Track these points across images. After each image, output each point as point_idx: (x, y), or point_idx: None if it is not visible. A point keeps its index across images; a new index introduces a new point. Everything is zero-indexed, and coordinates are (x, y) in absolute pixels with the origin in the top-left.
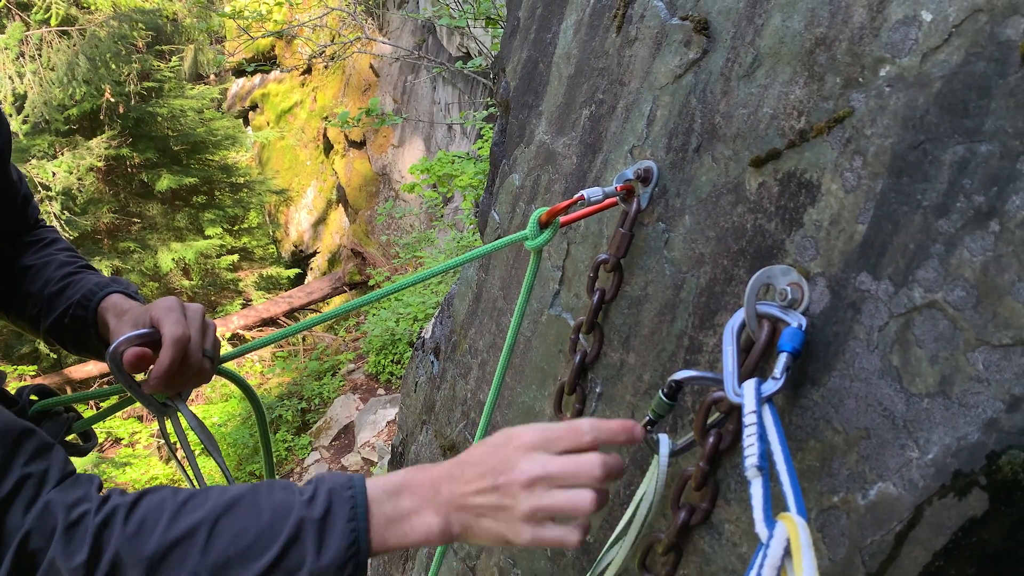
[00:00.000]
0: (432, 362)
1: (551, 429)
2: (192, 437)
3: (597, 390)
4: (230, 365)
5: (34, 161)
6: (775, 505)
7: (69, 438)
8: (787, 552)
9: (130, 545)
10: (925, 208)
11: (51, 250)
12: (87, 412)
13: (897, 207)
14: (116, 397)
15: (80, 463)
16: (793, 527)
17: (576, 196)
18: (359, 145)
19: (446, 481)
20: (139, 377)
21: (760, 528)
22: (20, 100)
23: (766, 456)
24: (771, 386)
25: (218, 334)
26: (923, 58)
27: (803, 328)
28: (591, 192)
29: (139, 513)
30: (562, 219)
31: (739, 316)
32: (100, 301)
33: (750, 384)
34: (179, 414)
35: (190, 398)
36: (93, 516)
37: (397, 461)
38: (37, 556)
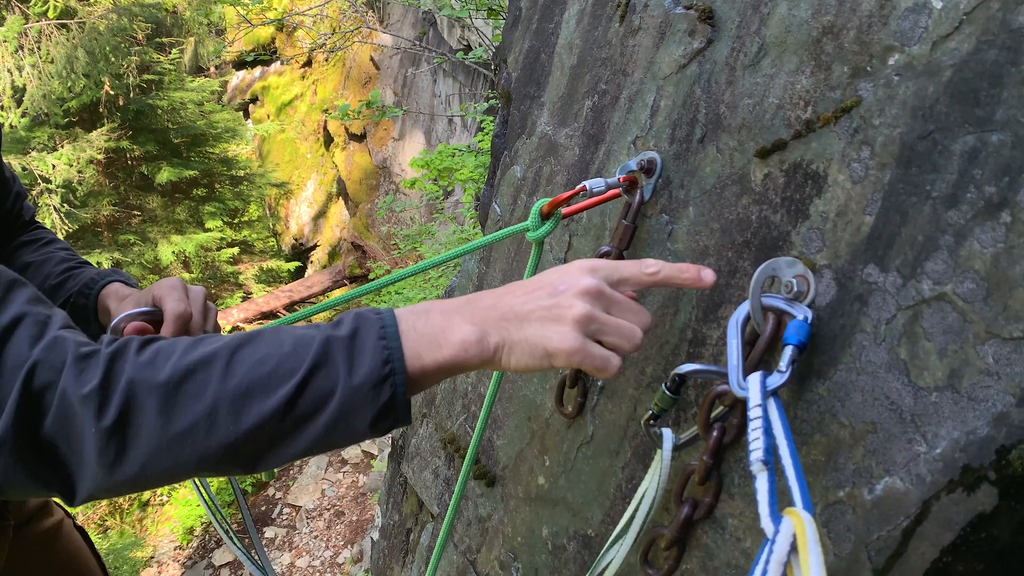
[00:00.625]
0: None
1: (618, 262)
2: None
3: (599, 384)
4: None
5: (34, 154)
6: (780, 500)
7: None
8: (793, 548)
9: (144, 372)
10: (934, 199)
11: (50, 248)
12: None
13: (905, 198)
14: None
15: None
16: (800, 522)
17: (578, 187)
18: (359, 138)
19: (485, 297)
20: None
21: (766, 523)
22: (19, 93)
23: (771, 450)
24: (776, 379)
25: (221, 326)
26: (933, 46)
27: (809, 321)
28: (593, 183)
29: (153, 346)
30: (564, 211)
31: (743, 309)
32: (101, 289)
33: (755, 377)
34: None
35: None
36: (105, 347)
37: (397, 455)
38: (46, 394)
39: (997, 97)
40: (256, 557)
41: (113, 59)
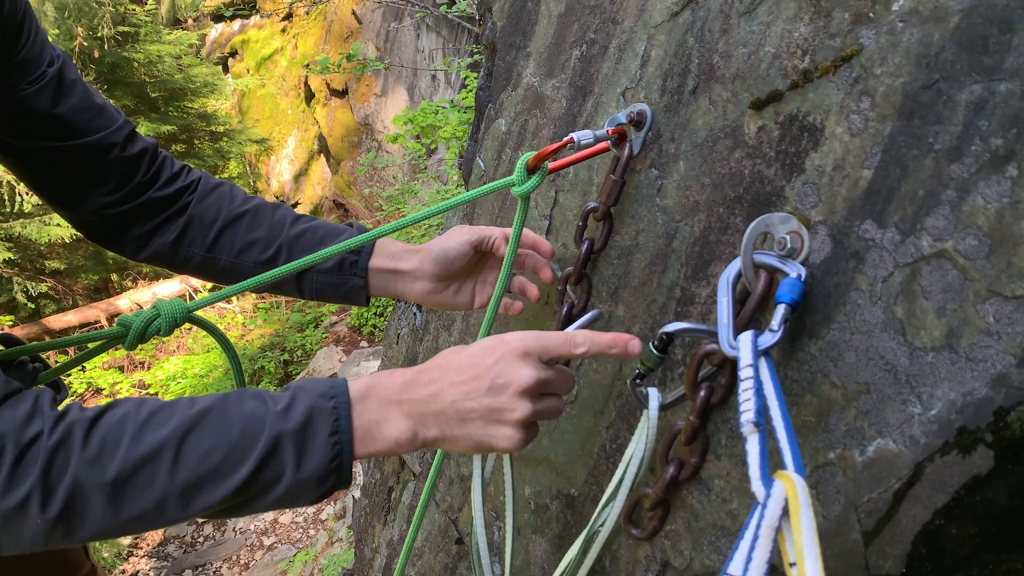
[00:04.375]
0: (415, 314)
1: (546, 337)
2: None
3: None
4: (211, 317)
5: None
6: (770, 462)
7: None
8: (784, 511)
9: (90, 470)
10: (937, 152)
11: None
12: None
13: (906, 151)
14: (93, 344)
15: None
16: (791, 486)
17: (565, 139)
18: (341, 94)
19: (419, 386)
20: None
21: (756, 486)
22: None
23: (763, 412)
24: (768, 339)
25: (199, 284)
26: None
27: (802, 278)
28: (581, 135)
29: (99, 433)
30: (551, 165)
31: (735, 266)
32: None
33: (746, 336)
34: None
35: (171, 347)
36: (47, 437)
37: None
38: None
39: (1007, 44)
40: None
41: (86, 8)
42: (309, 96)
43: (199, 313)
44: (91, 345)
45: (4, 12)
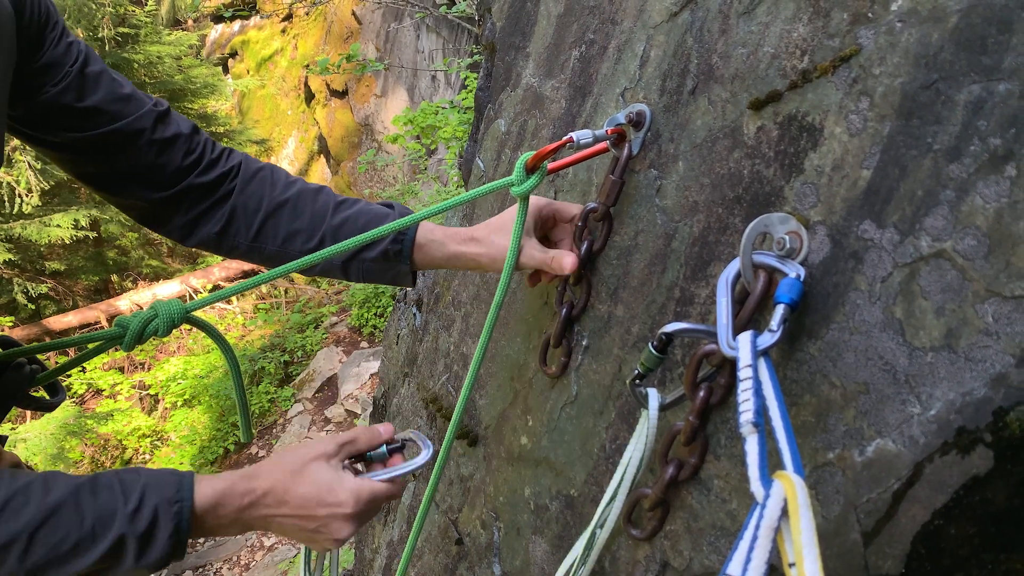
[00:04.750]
0: (414, 314)
1: (373, 494)
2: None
3: (584, 343)
4: (211, 318)
5: None
6: (769, 462)
7: (36, 393)
8: (784, 512)
9: None
10: (936, 152)
11: (287, 177)
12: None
13: (905, 151)
14: (91, 345)
15: (60, 417)
16: (791, 486)
17: (564, 138)
18: (341, 95)
19: (259, 507)
20: None
21: (756, 487)
22: None
23: (762, 412)
24: (767, 339)
25: (199, 285)
26: None
27: (801, 279)
28: (580, 134)
29: None
30: (550, 165)
31: (734, 266)
32: (414, 236)
33: (745, 337)
34: None
35: (171, 348)
36: None
37: (379, 414)
38: None
39: (1006, 44)
40: None
41: (86, 9)
42: (309, 97)
43: (197, 314)
44: (89, 346)
45: (25, 19)
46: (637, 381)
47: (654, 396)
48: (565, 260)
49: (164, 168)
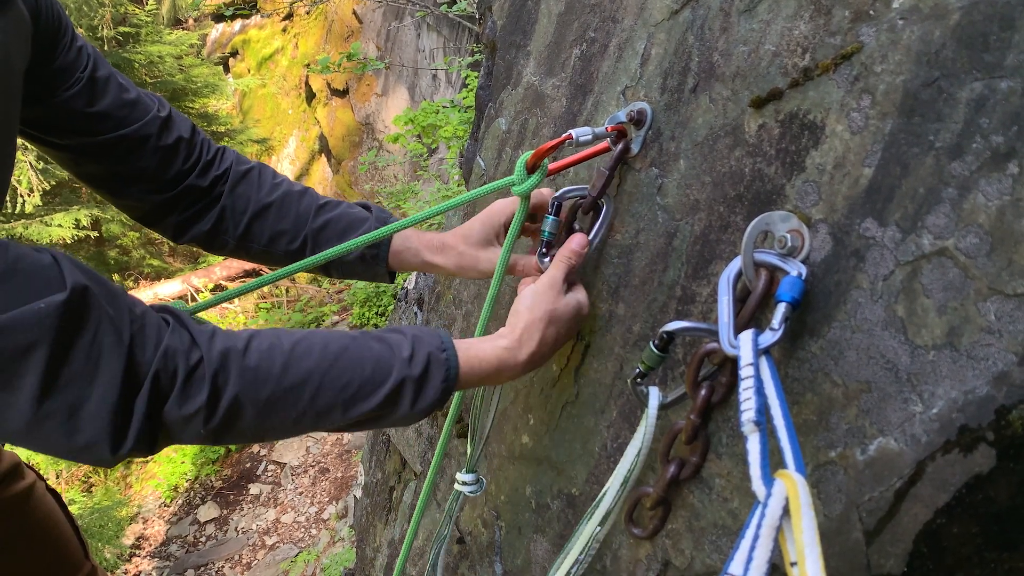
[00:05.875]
0: (415, 313)
1: (556, 278)
2: None
3: (585, 342)
4: (213, 317)
5: None
6: (771, 461)
7: None
8: (785, 511)
9: (249, 387)
10: (938, 150)
11: (275, 178)
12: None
13: (907, 149)
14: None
15: None
16: (792, 485)
17: (563, 136)
18: (342, 94)
19: (514, 349)
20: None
21: (757, 486)
22: None
23: (763, 411)
24: (769, 337)
25: (201, 284)
26: None
27: (803, 277)
28: (580, 132)
29: (252, 359)
30: (551, 165)
31: (735, 265)
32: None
33: (747, 335)
34: None
35: None
36: (207, 364)
37: None
38: (161, 397)
39: (1008, 41)
40: None
41: (87, 9)
42: (310, 96)
43: (200, 315)
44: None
45: (41, 23)
46: (638, 380)
47: (655, 395)
48: (529, 264)
49: (166, 171)
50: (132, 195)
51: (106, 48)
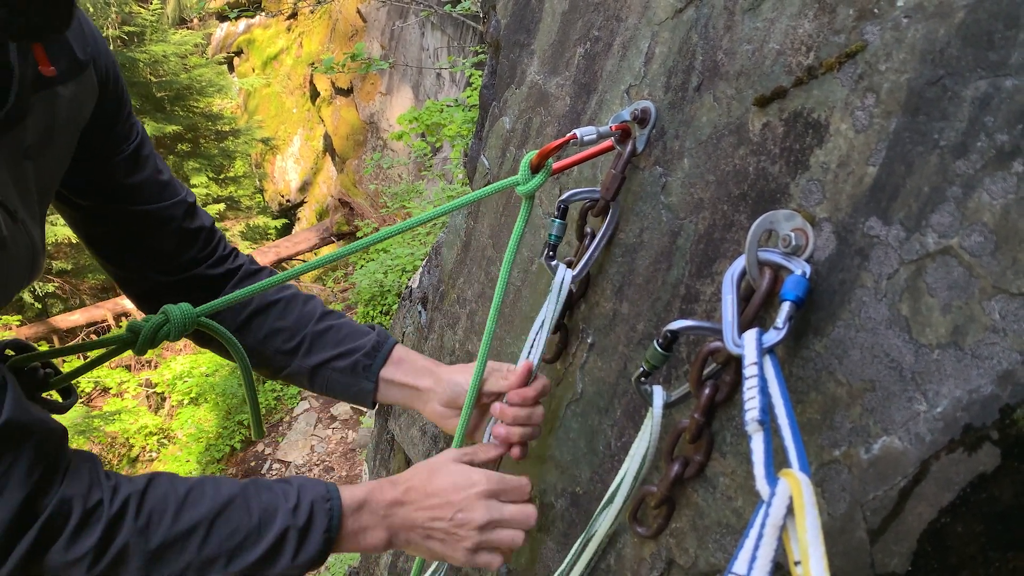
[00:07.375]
0: (420, 312)
1: (505, 481)
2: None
3: (589, 340)
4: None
5: None
6: (775, 460)
7: (47, 394)
8: (789, 510)
9: (138, 538)
10: (942, 148)
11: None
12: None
13: (911, 147)
14: (101, 350)
15: (68, 417)
16: (796, 484)
17: (568, 135)
18: (346, 93)
19: (401, 506)
20: None
21: (761, 485)
22: None
23: (767, 410)
24: (773, 336)
25: None
26: None
27: (807, 276)
28: (584, 131)
29: (147, 506)
30: (555, 164)
31: (739, 263)
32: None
33: (751, 334)
34: None
35: (177, 346)
36: (108, 507)
37: (384, 412)
38: (48, 541)
39: (1013, 39)
40: None
41: (91, 9)
42: (314, 95)
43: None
44: (98, 352)
45: (108, 92)
46: (642, 378)
47: (659, 394)
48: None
49: (180, 255)
50: (136, 270)
51: (112, 48)
